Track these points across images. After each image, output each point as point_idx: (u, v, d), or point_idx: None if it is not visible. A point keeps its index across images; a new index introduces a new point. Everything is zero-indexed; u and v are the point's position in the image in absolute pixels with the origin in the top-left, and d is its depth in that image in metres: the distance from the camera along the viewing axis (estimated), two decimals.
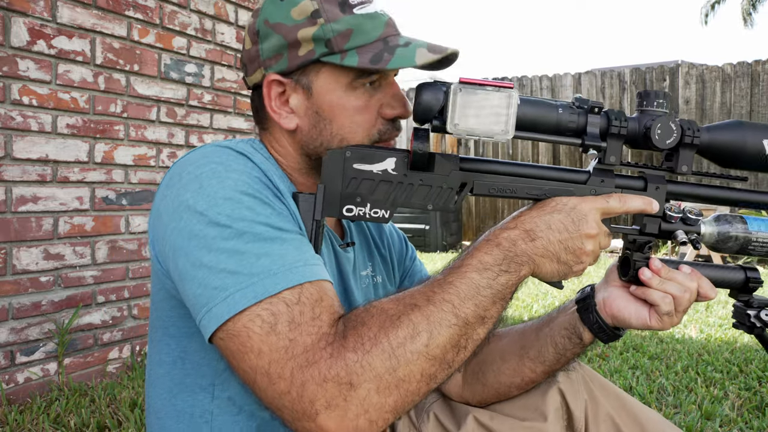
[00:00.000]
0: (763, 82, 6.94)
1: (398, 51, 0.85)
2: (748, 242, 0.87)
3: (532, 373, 1.00)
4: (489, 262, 0.77)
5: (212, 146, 0.85)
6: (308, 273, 0.75)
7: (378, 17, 0.89)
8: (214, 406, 0.87)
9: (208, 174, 0.79)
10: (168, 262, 0.81)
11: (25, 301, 2.25)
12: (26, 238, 2.25)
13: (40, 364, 2.31)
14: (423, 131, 0.82)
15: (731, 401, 2.26)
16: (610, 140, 0.81)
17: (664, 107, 0.81)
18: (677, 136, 0.80)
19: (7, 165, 2.18)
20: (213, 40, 2.98)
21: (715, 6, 17.75)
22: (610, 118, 0.80)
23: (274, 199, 0.81)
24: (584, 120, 0.80)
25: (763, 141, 0.81)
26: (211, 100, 2.98)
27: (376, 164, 0.83)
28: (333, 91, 0.88)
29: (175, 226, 0.78)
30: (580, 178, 0.84)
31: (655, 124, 0.79)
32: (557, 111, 0.79)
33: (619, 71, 7.84)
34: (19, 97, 2.20)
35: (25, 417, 2.03)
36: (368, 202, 0.83)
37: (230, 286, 0.72)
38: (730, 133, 0.82)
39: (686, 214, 0.86)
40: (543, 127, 0.79)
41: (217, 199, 0.76)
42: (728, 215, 0.89)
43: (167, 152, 2.78)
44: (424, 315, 0.72)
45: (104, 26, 2.47)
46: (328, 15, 0.86)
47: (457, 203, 0.83)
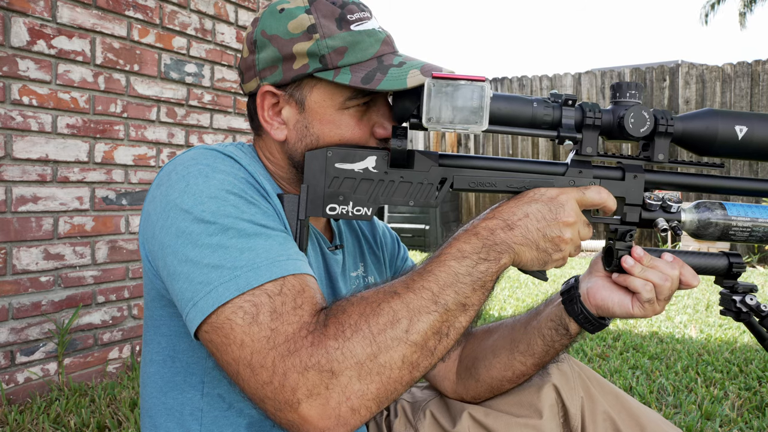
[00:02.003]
0: (763, 82, 6.94)
1: (391, 71, 0.85)
2: (728, 228, 0.88)
3: (522, 366, 1.01)
4: (467, 251, 0.78)
5: (201, 149, 0.86)
6: (291, 266, 0.76)
7: (375, 34, 0.89)
8: (204, 403, 0.88)
9: (195, 174, 0.81)
10: (157, 261, 0.82)
11: (25, 301, 2.25)
12: (26, 238, 2.25)
13: (40, 364, 2.31)
14: (401, 129, 0.84)
15: (731, 401, 2.26)
16: (586, 131, 0.83)
17: (636, 98, 0.83)
18: (650, 124, 0.81)
19: (7, 165, 2.18)
20: (213, 40, 2.98)
21: (715, 6, 17.77)
22: (584, 109, 0.82)
23: (259, 199, 0.82)
24: (559, 113, 0.82)
25: (734, 127, 0.82)
26: (211, 100, 2.98)
27: (357, 163, 0.85)
28: (326, 108, 0.88)
29: (163, 224, 0.80)
30: (558, 170, 0.86)
31: (628, 113, 0.80)
32: (532, 105, 0.81)
33: (619, 71, 7.83)
34: (19, 97, 2.20)
35: (25, 417, 2.03)
36: (351, 201, 0.84)
37: (214, 280, 0.74)
38: (703, 121, 0.83)
39: (666, 202, 0.88)
40: (519, 121, 0.81)
41: (203, 197, 0.78)
42: (708, 202, 0.90)
43: (167, 152, 2.78)
44: (403, 302, 0.74)
45: (104, 26, 2.47)
46: (323, 31, 0.86)
47: (437, 198, 0.85)
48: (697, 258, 0.90)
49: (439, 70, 0.84)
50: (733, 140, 0.83)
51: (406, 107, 0.81)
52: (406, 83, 0.83)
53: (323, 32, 0.86)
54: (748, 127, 0.82)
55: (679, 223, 0.88)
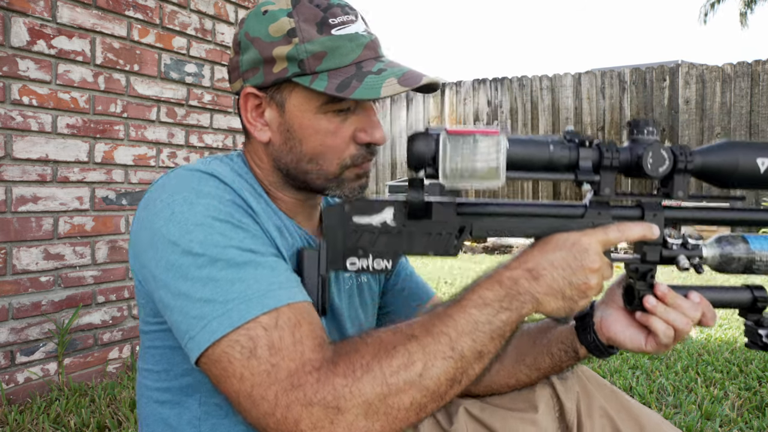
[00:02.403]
0: (763, 82, 6.94)
1: (367, 79, 0.84)
2: (751, 262, 0.86)
3: (527, 378, 1.02)
4: (490, 298, 0.77)
5: (183, 170, 0.85)
6: (284, 296, 0.76)
7: (357, 39, 0.87)
8: (201, 411, 0.88)
9: (180, 201, 0.80)
10: (150, 289, 0.82)
11: (25, 301, 2.25)
12: (26, 238, 2.25)
13: (40, 364, 2.31)
14: (418, 181, 0.82)
15: (731, 401, 2.26)
16: (603, 173, 0.81)
17: (654, 135, 0.81)
18: (670, 163, 0.80)
19: (7, 165, 2.18)
20: (213, 40, 2.98)
21: (715, 5, 17.77)
22: (601, 150, 0.80)
23: (246, 220, 0.82)
24: (576, 154, 0.79)
25: (756, 159, 0.80)
26: (211, 100, 2.98)
27: (374, 216, 0.84)
28: (305, 112, 0.88)
29: (153, 255, 0.79)
30: (577, 212, 0.83)
31: (646, 153, 0.79)
32: (549, 148, 0.79)
33: (619, 71, 7.84)
34: (19, 97, 2.20)
35: (25, 417, 2.03)
36: (370, 254, 0.83)
37: (207, 315, 0.74)
38: (723, 154, 0.81)
39: (686, 239, 0.86)
40: (536, 165, 0.79)
41: (189, 226, 0.77)
42: (729, 236, 0.88)
43: (167, 152, 2.78)
44: (420, 345, 0.73)
45: (104, 26, 2.47)
46: (303, 35, 0.85)
47: (457, 248, 0.84)
48: (722, 293, 0.88)
49: (416, 83, 0.84)
50: (754, 173, 0.81)
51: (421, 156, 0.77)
52: (380, 93, 0.82)
53: (302, 36, 0.85)
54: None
55: (701, 259, 0.86)
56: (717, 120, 7.16)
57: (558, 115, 8.10)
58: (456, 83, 8.81)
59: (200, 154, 2.93)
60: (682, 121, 7.35)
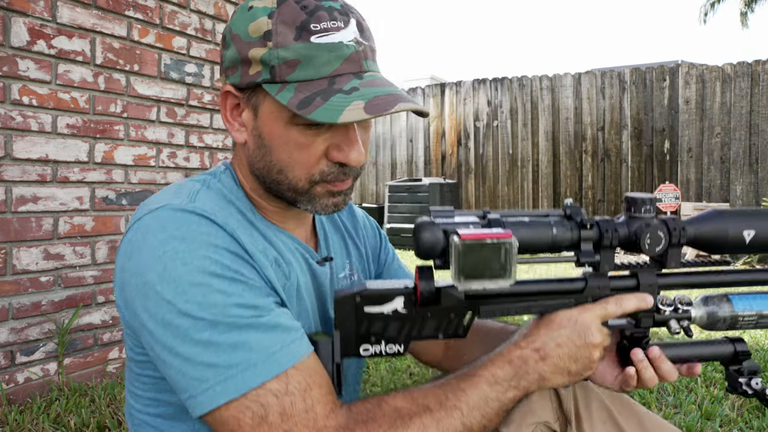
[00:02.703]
0: (763, 82, 6.94)
1: (334, 99, 0.78)
2: (735, 321, 0.91)
3: None
4: (500, 377, 0.81)
5: (168, 211, 0.79)
6: (289, 357, 0.75)
7: (337, 49, 0.80)
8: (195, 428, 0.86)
9: (171, 255, 0.75)
10: (140, 334, 0.79)
11: (25, 301, 2.25)
12: (26, 238, 2.25)
13: (40, 364, 2.31)
14: (427, 270, 0.84)
15: (731, 401, 2.26)
16: (603, 252, 0.84)
17: (651, 212, 0.85)
18: (666, 242, 0.84)
19: (7, 165, 2.18)
20: (213, 40, 2.98)
21: (715, 5, 17.77)
22: (601, 230, 0.83)
23: (243, 269, 0.78)
24: (577, 235, 0.83)
25: (743, 232, 0.86)
26: (211, 100, 2.98)
27: (385, 305, 0.84)
28: (275, 121, 0.83)
29: (144, 306, 0.76)
30: (577, 287, 0.87)
31: (644, 234, 0.83)
32: (552, 230, 0.82)
33: (619, 71, 7.83)
34: (19, 97, 2.20)
35: (25, 417, 2.03)
36: (382, 340, 0.85)
37: (210, 378, 0.73)
38: (712, 224, 0.86)
39: (677, 304, 0.91)
40: (540, 248, 0.82)
41: (185, 285, 0.74)
42: (715, 297, 0.92)
43: (167, 152, 2.78)
44: (434, 419, 0.76)
45: (104, 26, 2.47)
46: (278, 39, 0.79)
47: (465, 329, 0.86)
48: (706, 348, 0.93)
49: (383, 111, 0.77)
50: (741, 243, 0.86)
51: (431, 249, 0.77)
52: (338, 118, 0.76)
53: (277, 41, 0.79)
54: (756, 231, 0.86)
55: (690, 321, 0.91)
56: (717, 120, 7.16)
57: (558, 115, 8.10)
58: (456, 83, 8.81)
59: (200, 155, 2.94)
60: (682, 121, 7.35)
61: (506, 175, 8.37)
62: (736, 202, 7.03)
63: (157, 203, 0.82)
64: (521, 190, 8.28)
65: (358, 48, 0.82)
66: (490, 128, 8.50)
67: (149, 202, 0.84)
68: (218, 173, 0.92)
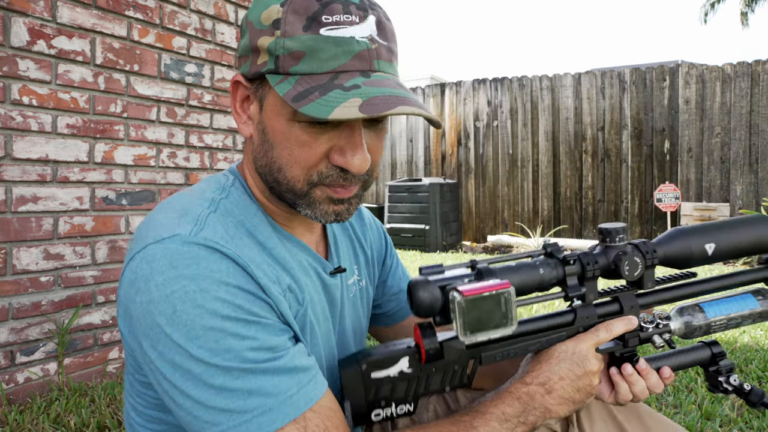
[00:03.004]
0: (763, 82, 6.93)
1: (331, 94, 0.73)
2: (710, 327, 0.98)
3: None
4: (510, 414, 0.84)
5: (177, 244, 0.74)
6: (306, 399, 0.74)
7: (347, 44, 0.75)
8: None
9: (181, 296, 0.71)
10: (144, 365, 0.77)
11: (25, 301, 2.25)
12: (26, 238, 2.25)
13: (40, 364, 2.31)
14: (429, 328, 0.86)
15: (731, 401, 2.26)
16: (587, 283, 0.90)
17: (624, 240, 0.91)
18: (642, 266, 0.90)
19: (7, 165, 2.18)
20: (213, 40, 2.98)
21: (715, 5, 17.77)
22: (583, 264, 0.89)
23: (257, 305, 0.75)
24: (562, 272, 0.88)
25: (704, 246, 0.94)
26: (211, 100, 2.98)
27: (391, 368, 0.85)
28: (279, 115, 0.79)
29: (152, 346, 0.73)
30: (568, 320, 0.92)
31: (623, 262, 0.89)
32: (539, 271, 0.86)
33: (619, 71, 7.83)
34: (19, 97, 2.20)
35: (25, 417, 2.03)
36: (392, 402, 0.87)
37: (223, 422, 0.71)
38: (678, 243, 0.94)
39: (657, 320, 0.97)
40: (529, 289, 0.86)
41: (197, 330, 0.70)
42: (688, 307, 1.00)
43: (167, 152, 2.78)
44: None
45: (104, 26, 2.47)
46: (286, 28, 0.75)
47: (470, 378, 0.89)
48: (685, 356, 0.99)
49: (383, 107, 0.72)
50: (705, 256, 0.94)
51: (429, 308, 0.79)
52: (328, 114, 0.71)
53: (285, 30, 0.75)
54: (716, 244, 0.94)
55: (670, 334, 0.98)
56: (717, 120, 7.16)
57: (558, 115, 8.10)
58: (456, 83, 8.81)
59: (200, 155, 2.94)
60: (682, 121, 7.35)
61: (506, 175, 8.37)
62: (736, 202, 7.03)
63: (164, 229, 0.76)
64: (521, 190, 8.28)
65: (371, 46, 0.77)
66: (490, 128, 8.50)
67: (154, 225, 0.78)
68: (227, 186, 0.87)
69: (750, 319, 1.00)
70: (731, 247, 0.95)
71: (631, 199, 7.67)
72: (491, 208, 8.46)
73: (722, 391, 1.00)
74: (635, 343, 0.95)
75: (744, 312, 0.99)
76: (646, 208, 7.58)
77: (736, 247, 0.96)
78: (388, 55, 0.79)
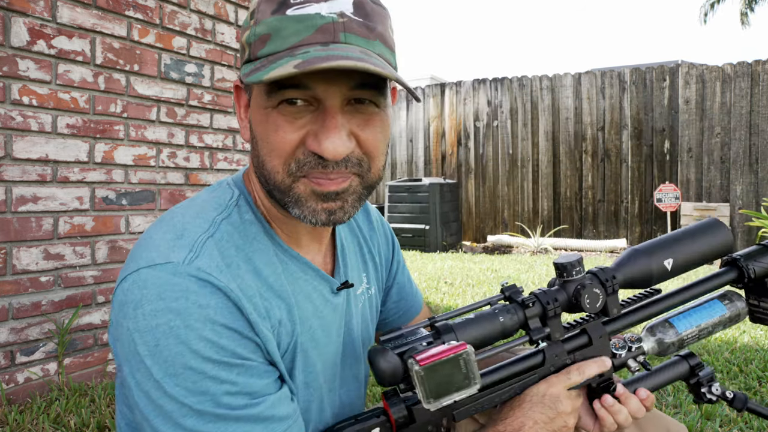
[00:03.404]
0: (763, 82, 6.93)
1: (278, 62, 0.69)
2: (682, 341, 0.97)
3: None
4: None
5: (169, 276, 0.71)
6: None
7: (310, 19, 0.71)
8: None
9: (165, 330, 0.69)
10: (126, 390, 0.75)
11: (25, 301, 2.25)
12: (26, 238, 2.25)
13: (40, 364, 2.31)
14: (395, 396, 0.85)
15: None
16: (550, 322, 0.88)
17: (581, 272, 0.90)
18: (603, 296, 0.89)
19: (7, 165, 2.18)
20: (213, 40, 2.98)
21: (715, 5, 17.77)
22: (543, 304, 0.87)
23: (242, 346, 0.73)
24: (523, 315, 0.86)
25: (663, 262, 0.93)
26: (211, 100, 2.98)
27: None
28: (258, 105, 0.77)
29: (131, 373, 0.71)
30: (537, 361, 0.91)
31: (582, 295, 0.88)
32: (499, 319, 0.84)
33: (619, 71, 7.83)
34: (19, 97, 2.20)
35: (25, 417, 2.03)
36: None
37: None
38: (637, 265, 0.92)
39: (629, 344, 0.96)
40: (493, 339, 0.85)
41: (176, 367, 0.69)
42: (658, 325, 0.99)
43: (167, 152, 2.78)
44: None
45: (104, 26, 2.47)
46: (258, 16, 0.75)
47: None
48: (664, 374, 0.99)
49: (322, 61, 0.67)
50: (665, 272, 0.93)
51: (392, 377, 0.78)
52: (263, 76, 0.68)
53: (257, 18, 0.75)
54: (674, 259, 0.93)
55: (644, 355, 0.97)
56: (717, 120, 7.16)
57: (558, 115, 8.10)
58: (456, 83, 8.81)
59: (200, 155, 2.94)
60: (682, 121, 7.35)
61: (506, 175, 8.37)
62: (736, 202, 7.03)
63: (158, 253, 0.74)
64: (521, 190, 8.28)
65: (338, 19, 0.72)
66: (490, 128, 8.50)
67: (148, 246, 0.76)
68: (230, 204, 0.83)
69: (721, 326, 0.99)
70: (689, 258, 0.94)
71: (631, 199, 7.67)
72: (491, 208, 8.46)
73: (707, 402, 0.99)
74: (610, 372, 0.94)
75: (713, 320, 0.98)
76: (646, 208, 7.58)
77: (694, 257, 0.94)
78: (362, 30, 0.74)
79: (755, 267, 0.99)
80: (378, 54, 0.75)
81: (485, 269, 5.84)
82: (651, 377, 0.97)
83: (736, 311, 0.99)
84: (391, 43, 0.78)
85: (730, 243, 0.97)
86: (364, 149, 0.77)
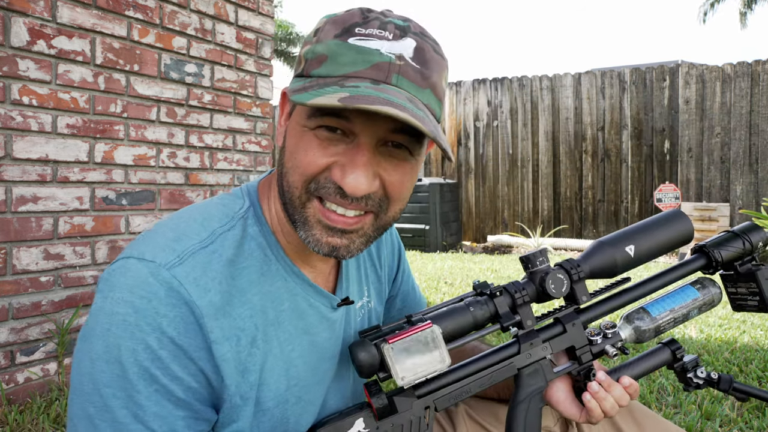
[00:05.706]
0: (763, 82, 6.93)
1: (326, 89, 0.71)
2: (658, 327, 1.00)
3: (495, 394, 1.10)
4: None
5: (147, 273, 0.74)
6: None
7: (368, 54, 0.73)
8: None
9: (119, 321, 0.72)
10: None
11: (25, 301, 2.25)
12: (26, 238, 2.25)
13: (40, 364, 2.31)
14: (375, 386, 0.87)
15: (731, 401, 2.26)
16: (521, 310, 0.91)
17: (545, 263, 0.93)
18: (568, 281, 0.92)
19: (7, 165, 2.18)
20: (213, 40, 2.98)
21: (715, 5, 17.77)
22: (511, 293, 0.90)
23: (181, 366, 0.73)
24: (493, 305, 0.89)
25: (626, 249, 0.96)
26: (211, 100, 2.98)
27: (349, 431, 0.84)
28: (298, 120, 0.78)
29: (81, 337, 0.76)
30: (513, 351, 0.93)
31: (547, 281, 0.91)
32: (470, 311, 0.87)
33: (619, 71, 7.83)
34: (19, 97, 2.20)
35: (25, 417, 2.03)
36: None
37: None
38: (601, 255, 0.95)
39: (604, 331, 0.98)
40: (466, 330, 0.87)
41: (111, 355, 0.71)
42: (633, 312, 1.01)
43: (167, 152, 2.78)
44: None
45: (104, 26, 2.47)
46: (320, 35, 0.77)
47: (429, 425, 0.88)
48: (647, 361, 1.01)
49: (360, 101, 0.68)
50: (629, 259, 0.96)
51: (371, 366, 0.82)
52: (307, 101, 0.69)
53: (319, 37, 0.77)
54: (635, 245, 0.96)
55: (622, 341, 0.99)
56: (717, 120, 7.16)
57: (558, 115, 8.10)
58: (456, 83, 8.81)
59: (200, 155, 2.94)
60: (682, 121, 7.35)
61: (506, 175, 8.37)
62: (736, 202, 7.03)
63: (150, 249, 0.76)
64: (521, 190, 8.28)
65: (396, 62, 0.73)
66: (490, 128, 8.50)
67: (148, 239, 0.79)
68: (236, 217, 0.84)
69: (696, 310, 1.01)
70: (652, 245, 0.97)
71: (631, 199, 7.67)
72: (491, 208, 8.46)
73: (695, 387, 1.01)
74: (589, 359, 0.96)
75: (686, 302, 1.01)
76: (646, 208, 7.58)
77: (656, 245, 0.97)
78: (416, 77, 0.74)
79: (722, 252, 1.03)
80: (426, 104, 0.76)
81: (485, 269, 5.84)
82: (634, 365, 1.00)
83: (710, 296, 1.02)
84: (441, 94, 0.80)
85: (690, 231, 1.00)
86: (387, 191, 0.78)
